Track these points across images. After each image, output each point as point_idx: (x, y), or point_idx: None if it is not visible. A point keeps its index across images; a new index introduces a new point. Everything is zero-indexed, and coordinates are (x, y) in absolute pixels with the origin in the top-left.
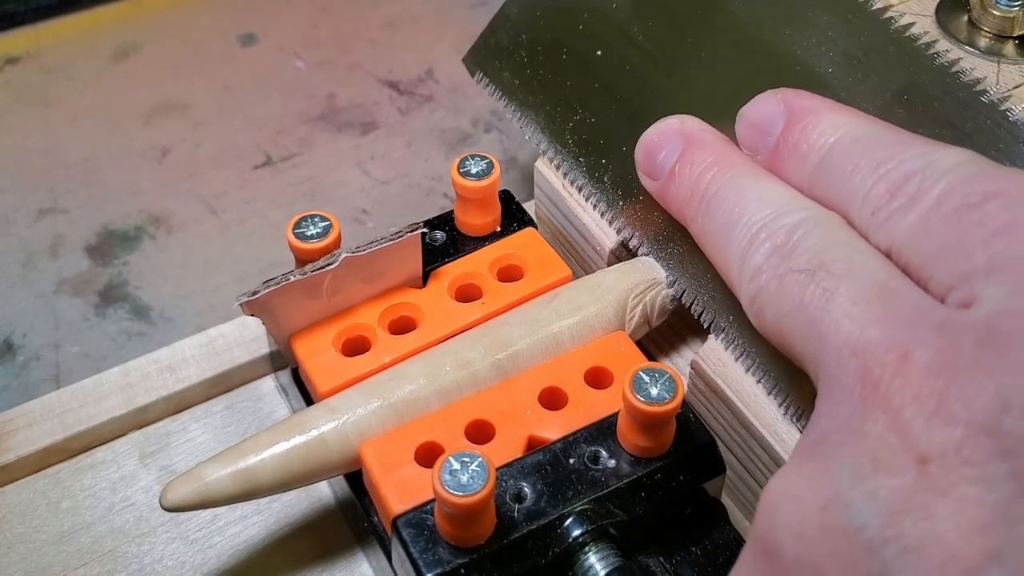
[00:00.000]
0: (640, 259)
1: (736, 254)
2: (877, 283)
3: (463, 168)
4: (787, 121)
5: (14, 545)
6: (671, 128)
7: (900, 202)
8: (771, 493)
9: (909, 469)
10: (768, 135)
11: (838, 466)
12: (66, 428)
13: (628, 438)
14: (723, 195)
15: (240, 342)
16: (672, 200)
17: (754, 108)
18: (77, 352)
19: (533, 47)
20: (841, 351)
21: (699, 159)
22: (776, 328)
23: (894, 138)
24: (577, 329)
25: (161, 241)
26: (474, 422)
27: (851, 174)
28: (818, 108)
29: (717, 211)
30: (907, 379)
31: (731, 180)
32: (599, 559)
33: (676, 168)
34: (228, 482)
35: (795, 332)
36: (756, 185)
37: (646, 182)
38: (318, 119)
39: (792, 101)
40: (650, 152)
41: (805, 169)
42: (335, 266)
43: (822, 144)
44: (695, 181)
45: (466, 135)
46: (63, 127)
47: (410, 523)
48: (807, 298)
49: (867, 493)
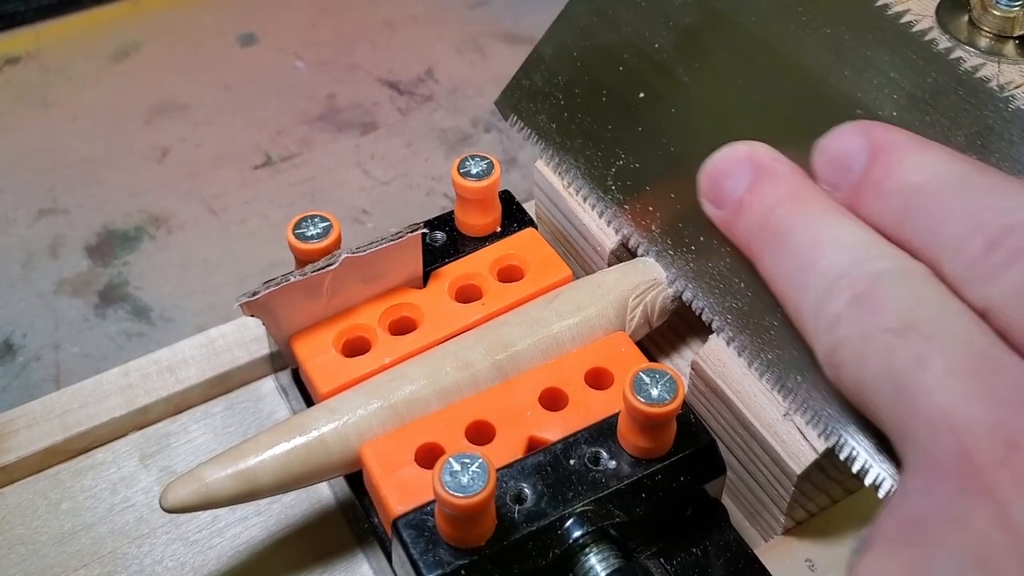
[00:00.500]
0: (640, 259)
1: (811, 301)
2: (976, 351)
3: (463, 168)
4: (870, 156)
5: (14, 546)
6: (739, 154)
7: (1000, 258)
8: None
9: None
10: (849, 171)
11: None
12: (66, 429)
13: (628, 439)
14: (797, 233)
15: (240, 343)
16: (739, 233)
17: (834, 140)
18: (77, 352)
19: (570, 89)
20: (936, 426)
21: (771, 191)
22: (856, 388)
23: (991, 181)
24: (577, 330)
25: (161, 241)
26: (474, 423)
27: (942, 221)
28: (905, 144)
29: (791, 251)
30: (1016, 471)
31: (806, 217)
32: (599, 560)
33: (745, 199)
34: (228, 483)
35: (880, 396)
36: (834, 225)
37: (710, 210)
38: (318, 119)
39: (876, 135)
40: (716, 179)
41: (889, 210)
42: (335, 267)
43: (909, 183)
44: (766, 215)
45: (466, 135)
46: (63, 127)
47: (410, 524)
48: (896, 363)
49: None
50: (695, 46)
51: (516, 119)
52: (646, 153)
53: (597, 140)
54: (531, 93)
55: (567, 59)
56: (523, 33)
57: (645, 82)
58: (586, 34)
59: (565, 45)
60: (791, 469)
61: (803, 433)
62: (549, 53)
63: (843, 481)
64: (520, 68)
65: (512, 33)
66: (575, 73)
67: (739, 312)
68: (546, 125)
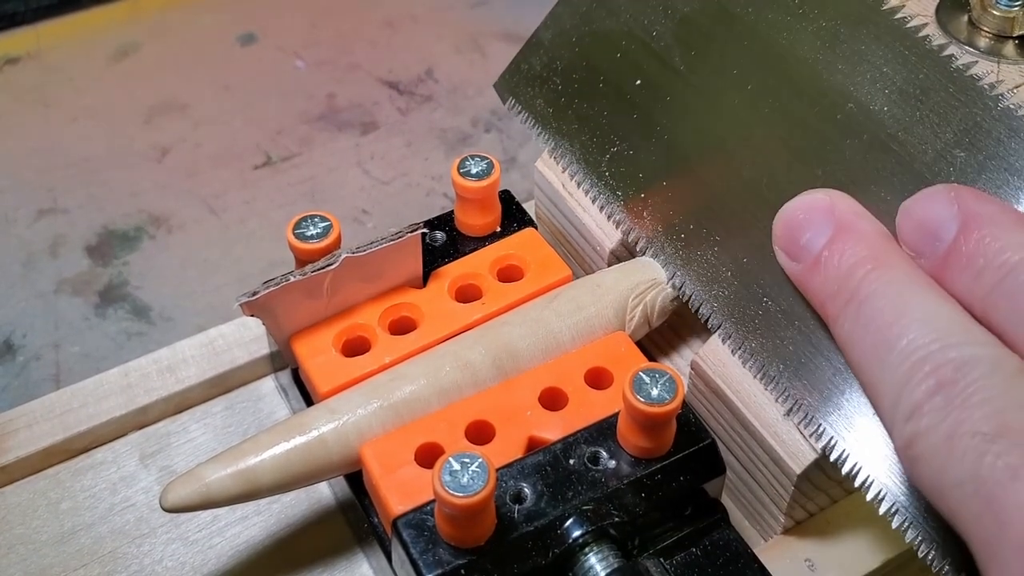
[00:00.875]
0: (640, 259)
1: (891, 381)
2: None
3: (463, 168)
4: (961, 227)
5: (14, 546)
6: (820, 205)
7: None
8: None
9: None
10: (938, 240)
11: None
12: (66, 428)
13: (628, 439)
14: (879, 303)
15: (240, 342)
16: (815, 291)
17: (922, 204)
18: (77, 352)
19: (568, 74)
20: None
21: (852, 251)
22: (936, 489)
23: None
24: (577, 329)
25: (161, 241)
26: (474, 423)
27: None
28: (999, 219)
29: (871, 321)
30: None
31: (889, 286)
32: (599, 560)
33: (824, 255)
34: (228, 483)
35: (964, 504)
36: (921, 300)
37: (784, 261)
38: (318, 119)
39: (969, 204)
40: (793, 229)
41: (979, 288)
42: (335, 266)
43: (1003, 262)
44: (845, 276)
45: (466, 135)
46: (63, 127)
47: (410, 524)
48: (984, 471)
49: None
50: (692, 35)
51: (514, 102)
52: (641, 140)
53: (593, 126)
54: (529, 77)
55: (566, 44)
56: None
57: (642, 69)
58: (585, 20)
59: (564, 30)
60: (791, 469)
61: (803, 433)
62: (548, 38)
63: (843, 481)
64: (519, 52)
65: (512, 33)
66: (573, 58)
67: (725, 300)
68: (543, 109)
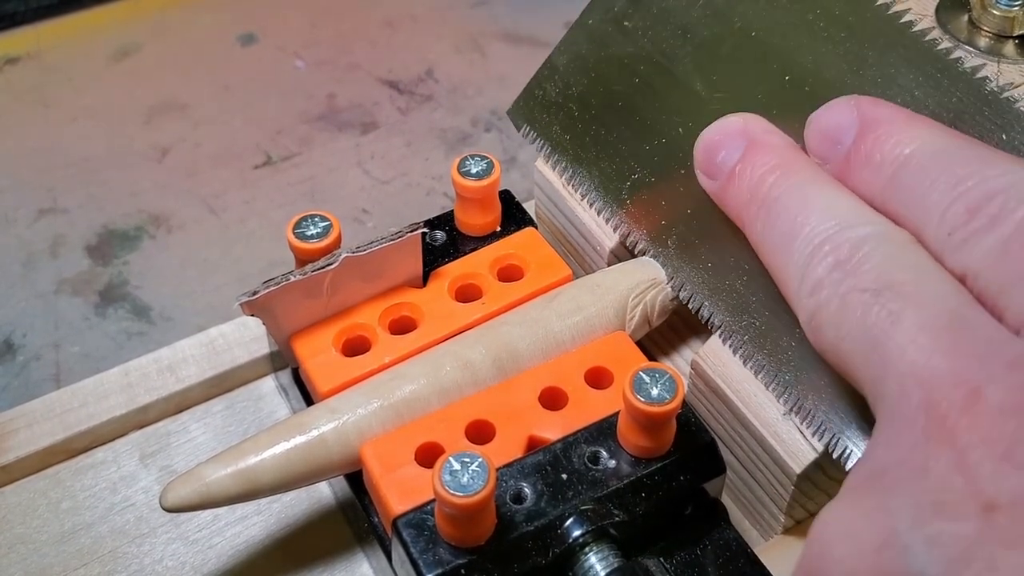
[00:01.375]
0: (640, 259)
1: (796, 266)
2: (948, 310)
3: (463, 168)
4: (860, 130)
5: (14, 545)
6: (733, 127)
7: (979, 224)
8: (823, 525)
9: (974, 516)
10: (839, 143)
11: (897, 504)
12: (66, 428)
13: (628, 438)
14: (785, 202)
15: (240, 342)
16: (731, 202)
17: (826, 114)
18: (77, 352)
19: (585, 100)
20: (905, 379)
21: (761, 161)
22: (834, 348)
23: (975, 153)
24: (577, 329)
25: (161, 241)
26: (474, 422)
27: (927, 190)
28: (894, 118)
29: (778, 218)
30: (976, 418)
31: (795, 187)
32: (599, 559)
33: (737, 169)
34: (228, 482)
35: (855, 354)
36: (821, 194)
37: (703, 181)
38: (318, 119)
39: (867, 109)
40: (710, 150)
41: (877, 182)
42: (335, 266)
43: (897, 156)
44: (756, 184)
45: (466, 135)
46: (63, 127)
47: (410, 523)
48: (871, 320)
49: (927, 538)
50: (712, 58)
51: (529, 129)
52: (662, 167)
53: (612, 153)
54: (544, 103)
55: (581, 69)
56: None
57: (661, 94)
58: (601, 44)
59: (580, 55)
60: (791, 468)
61: (803, 433)
62: (563, 63)
63: (843, 480)
64: (533, 78)
65: (512, 33)
66: (589, 83)
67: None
68: (559, 136)
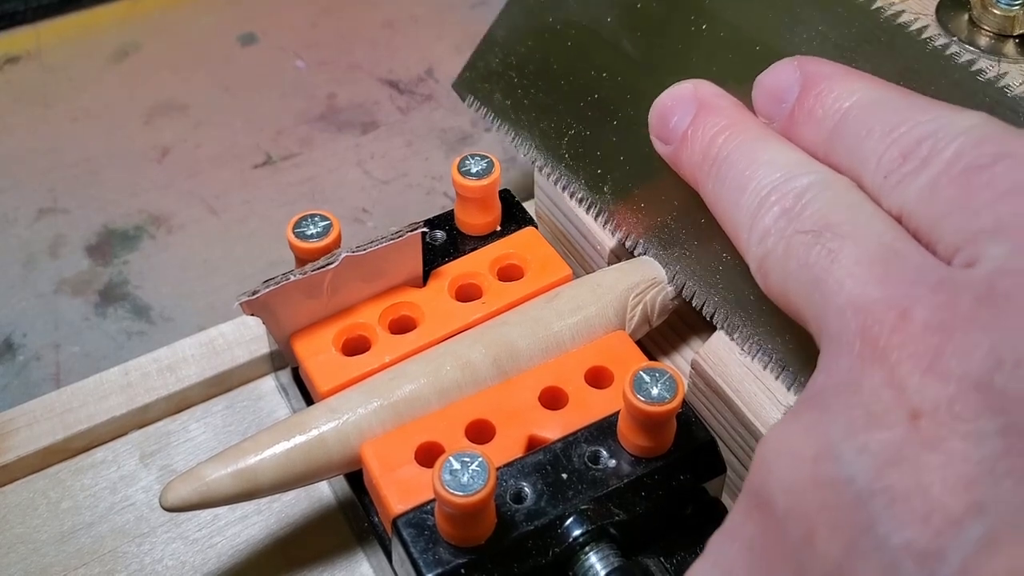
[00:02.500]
0: (641, 258)
1: (745, 218)
2: (882, 244)
3: (463, 167)
4: (802, 88)
5: (14, 545)
6: (685, 93)
7: (912, 165)
8: (765, 446)
9: (901, 423)
10: (783, 102)
11: (832, 419)
12: (66, 428)
13: (628, 438)
14: (734, 159)
15: (240, 342)
16: (684, 165)
17: (770, 75)
18: (77, 352)
19: (523, 68)
20: (843, 309)
21: (712, 123)
22: (781, 290)
23: (908, 102)
24: (577, 329)
25: (161, 241)
26: (474, 422)
27: (864, 139)
28: (833, 74)
29: (728, 175)
30: (904, 336)
31: (742, 144)
32: (599, 559)
33: (688, 132)
34: (228, 482)
35: (799, 293)
36: (767, 148)
37: (658, 146)
38: (318, 119)
39: (808, 67)
40: (663, 116)
41: (820, 135)
42: (335, 266)
43: (837, 109)
44: (707, 145)
45: (466, 134)
46: (63, 127)
47: (410, 523)
48: (812, 258)
49: (858, 446)
50: (636, 18)
51: (473, 99)
52: (595, 121)
53: (549, 112)
54: (485, 74)
55: (518, 40)
56: None
57: (592, 56)
58: (535, 14)
59: (516, 26)
60: None
61: None
62: (501, 35)
63: None
64: (474, 51)
65: None
66: (526, 52)
67: (688, 259)
68: (501, 103)
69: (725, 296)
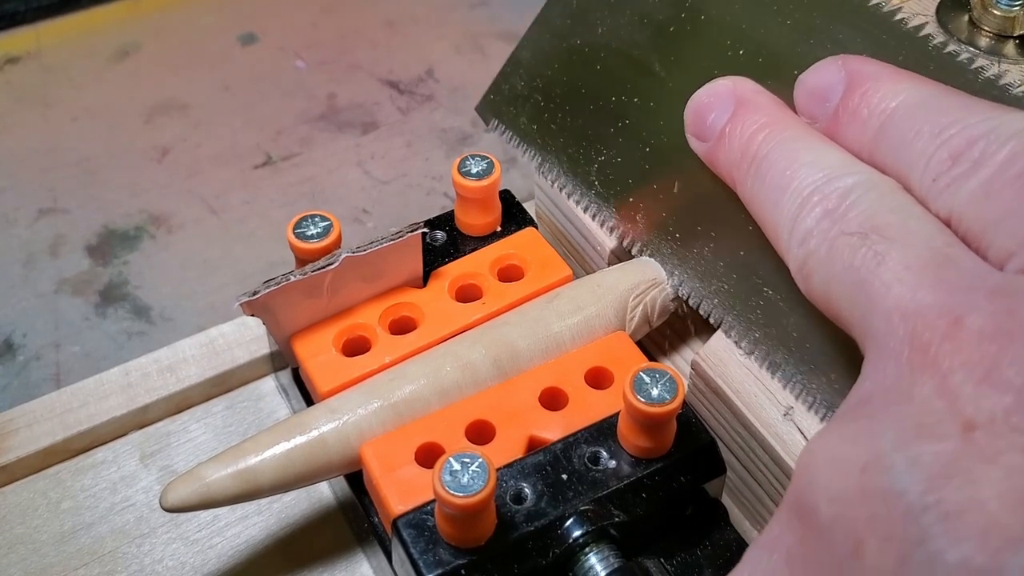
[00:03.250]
0: (641, 259)
1: (786, 218)
2: (932, 248)
3: (463, 168)
4: (847, 87)
5: (14, 545)
6: (723, 89)
7: (962, 168)
8: (810, 453)
9: (954, 435)
10: (827, 101)
11: (881, 428)
12: (66, 428)
13: (628, 439)
14: (774, 158)
15: (240, 342)
16: (721, 163)
17: (814, 74)
18: (77, 352)
19: (550, 91)
20: (891, 314)
21: (751, 120)
22: (824, 293)
23: (957, 102)
24: (577, 329)
25: (161, 241)
26: (474, 422)
27: (912, 140)
28: (879, 73)
29: (768, 174)
30: (958, 344)
31: (783, 143)
32: (599, 560)
33: (727, 129)
34: (229, 482)
35: (843, 296)
36: (809, 148)
37: (695, 144)
38: (318, 119)
39: (853, 66)
40: (700, 113)
41: (865, 136)
42: (335, 266)
43: (883, 109)
44: (746, 143)
45: (466, 135)
46: (63, 127)
47: (410, 524)
48: (857, 261)
49: (910, 457)
50: (670, 41)
51: (497, 123)
52: (627, 147)
53: (578, 138)
54: (511, 97)
55: (545, 62)
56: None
57: (623, 79)
58: (563, 36)
59: (542, 48)
60: (791, 469)
61: (803, 433)
62: (527, 57)
63: None
64: (499, 73)
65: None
66: (553, 75)
67: (725, 294)
68: (527, 127)
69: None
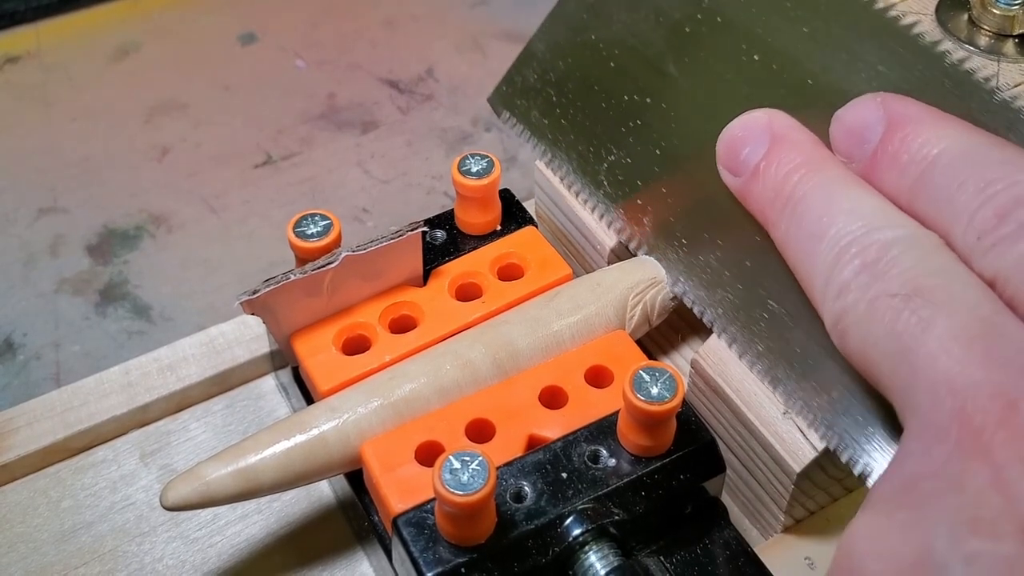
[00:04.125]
0: (641, 258)
1: (821, 268)
2: (980, 317)
3: (463, 167)
4: (887, 128)
5: (15, 544)
6: (758, 123)
7: (1009, 229)
8: (855, 539)
9: (1013, 535)
10: (865, 142)
11: (932, 520)
12: (67, 427)
13: (628, 437)
14: (811, 201)
15: (240, 341)
16: (754, 200)
17: (852, 112)
18: (77, 351)
19: (562, 85)
20: (937, 388)
21: (787, 159)
22: (861, 353)
23: (1004, 156)
24: (577, 328)
25: (161, 240)
26: (474, 421)
27: (955, 192)
28: (921, 117)
29: (803, 218)
30: (1013, 432)
31: (820, 186)
32: (599, 558)
33: (761, 166)
34: (229, 481)
35: (883, 361)
36: (848, 194)
37: (727, 178)
38: (318, 118)
39: (894, 107)
40: (733, 147)
41: (904, 182)
42: (335, 265)
43: (924, 156)
44: (781, 182)
45: (466, 134)
46: (63, 127)
47: (410, 522)
48: (900, 326)
49: (966, 557)
50: (685, 41)
51: (508, 115)
52: (637, 148)
53: (589, 135)
54: (523, 90)
55: (559, 56)
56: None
57: (636, 78)
58: (578, 31)
59: (557, 42)
60: (790, 467)
61: (803, 432)
62: (541, 50)
63: (842, 479)
64: (512, 65)
65: (512, 32)
66: (567, 69)
67: (729, 304)
68: (538, 121)
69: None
